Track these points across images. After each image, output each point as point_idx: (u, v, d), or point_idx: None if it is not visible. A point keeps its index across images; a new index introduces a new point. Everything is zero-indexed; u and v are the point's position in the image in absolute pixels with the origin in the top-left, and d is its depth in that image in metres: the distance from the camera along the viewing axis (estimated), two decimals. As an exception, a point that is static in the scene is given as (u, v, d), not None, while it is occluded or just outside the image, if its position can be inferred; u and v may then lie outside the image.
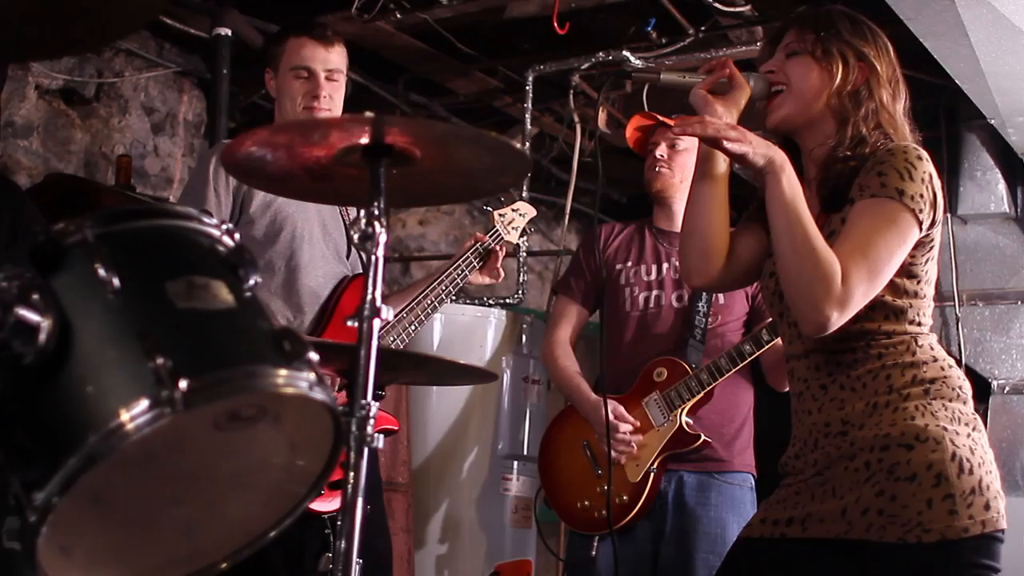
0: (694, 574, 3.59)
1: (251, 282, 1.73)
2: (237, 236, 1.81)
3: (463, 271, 3.48)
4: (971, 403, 2.33)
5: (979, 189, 5.38)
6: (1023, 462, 5.17)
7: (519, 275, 5.56)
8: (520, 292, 5.53)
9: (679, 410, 3.70)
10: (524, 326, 5.09)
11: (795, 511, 2.32)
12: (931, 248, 2.33)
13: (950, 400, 2.28)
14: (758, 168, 2.29)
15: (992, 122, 4.67)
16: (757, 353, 3.62)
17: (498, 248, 3.56)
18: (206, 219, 1.79)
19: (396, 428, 3.39)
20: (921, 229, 2.26)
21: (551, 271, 7.16)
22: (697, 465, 3.72)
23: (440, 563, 4.77)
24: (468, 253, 3.51)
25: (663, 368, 3.75)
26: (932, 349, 2.34)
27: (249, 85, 5.54)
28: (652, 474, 3.69)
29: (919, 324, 2.34)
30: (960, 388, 2.32)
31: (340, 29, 4.21)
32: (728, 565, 2.53)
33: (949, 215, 5.40)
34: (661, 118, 3.92)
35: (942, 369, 2.31)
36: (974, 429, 2.28)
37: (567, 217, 5.86)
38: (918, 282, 2.33)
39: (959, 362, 5.27)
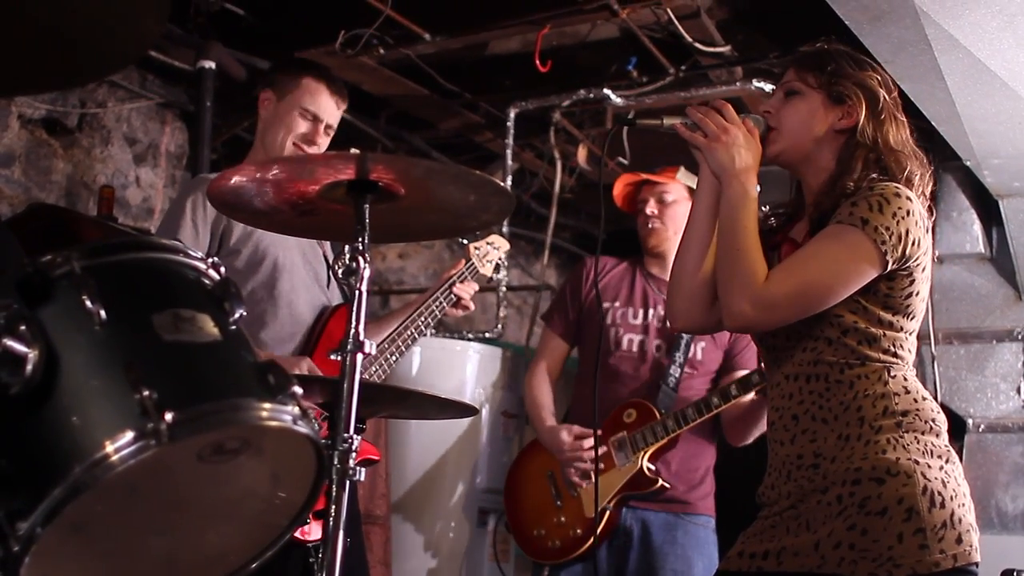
0: (660, 610, 3.63)
1: (236, 315, 1.75)
2: (223, 269, 1.83)
3: (441, 303, 3.50)
4: (944, 435, 2.35)
5: (955, 229, 5.42)
6: (998, 500, 5.19)
7: (499, 309, 5.58)
8: (499, 326, 5.55)
9: (642, 453, 3.74)
10: (504, 360, 5.10)
11: (771, 544, 2.33)
12: (912, 282, 2.34)
13: (922, 433, 2.29)
14: (715, 171, 2.42)
15: (968, 164, 4.71)
16: (723, 406, 3.67)
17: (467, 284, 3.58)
18: (192, 252, 1.81)
19: (378, 458, 3.40)
20: (885, 262, 2.27)
21: (530, 305, 7.18)
22: (663, 505, 3.77)
23: (417, 597, 4.76)
24: (446, 285, 3.53)
25: (633, 410, 3.80)
26: (905, 380, 2.35)
27: (231, 117, 5.56)
28: (608, 511, 3.72)
29: (895, 355, 2.35)
30: (933, 420, 2.33)
31: (323, 63, 4.24)
32: None
33: (926, 254, 5.44)
34: (645, 176, 3.98)
35: (915, 401, 2.33)
36: (947, 461, 2.30)
37: (547, 252, 5.89)
38: (894, 313, 2.34)
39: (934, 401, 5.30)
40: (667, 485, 3.73)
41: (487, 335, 5.55)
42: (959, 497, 2.26)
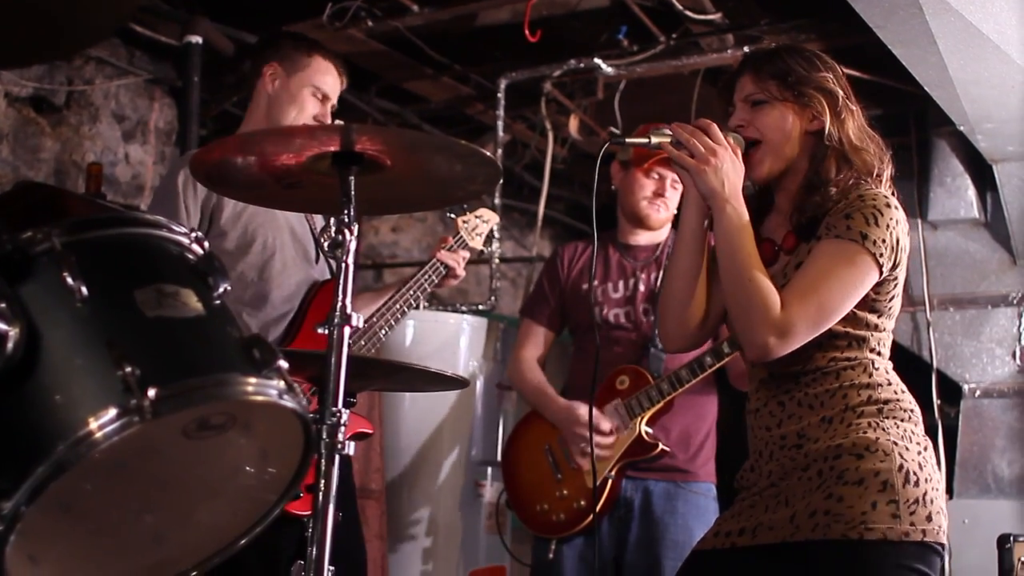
0: (660, 580, 3.62)
1: (221, 290, 1.73)
2: (206, 244, 1.81)
3: (431, 276, 3.48)
4: (922, 427, 2.40)
5: (949, 195, 5.41)
6: (994, 465, 5.20)
7: (491, 282, 5.56)
8: (493, 299, 5.53)
9: (639, 418, 3.72)
10: (497, 333, 5.09)
11: (747, 522, 2.37)
12: (896, 286, 2.40)
13: (902, 420, 2.35)
14: (704, 195, 2.38)
15: (961, 128, 4.68)
16: (717, 365, 3.65)
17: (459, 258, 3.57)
18: (175, 227, 1.79)
19: (371, 431, 3.38)
20: (881, 272, 2.32)
21: (524, 277, 7.17)
22: (663, 475, 3.75)
23: (414, 570, 4.76)
24: (435, 258, 3.52)
25: (625, 376, 3.77)
26: (887, 373, 2.41)
27: (220, 93, 5.52)
28: (610, 480, 3.71)
29: (879, 353, 2.41)
30: (912, 411, 2.39)
31: (312, 36, 4.21)
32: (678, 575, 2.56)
33: (920, 220, 5.43)
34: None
35: (895, 393, 2.39)
36: (925, 449, 2.35)
37: (539, 224, 5.87)
38: (879, 316, 2.40)
39: (930, 366, 5.30)
40: (667, 449, 3.72)
41: (480, 307, 5.54)
42: (933, 482, 2.31)
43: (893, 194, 2.44)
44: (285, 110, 3.32)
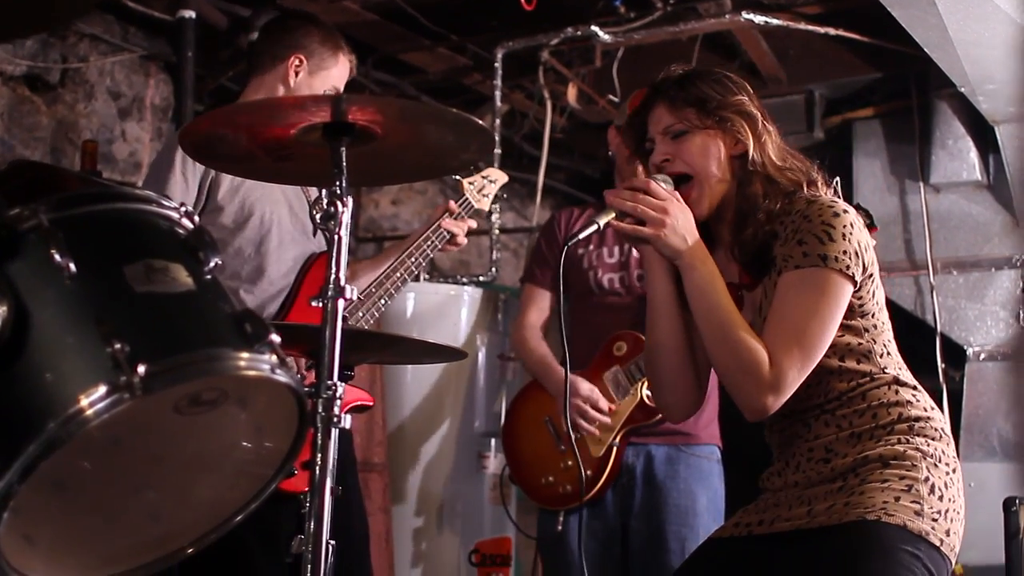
0: (665, 547, 3.59)
1: (211, 264, 1.71)
2: (196, 218, 1.79)
3: (433, 242, 3.44)
4: (953, 448, 2.33)
5: (951, 157, 5.38)
6: (999, 427, 5.19)
7: (492, 252, 5.54)
8: (493, 269, 5.51)
9: (639, 383, 3.68)
10: (498, 304, 5.07)
11: (765, 515, 2.33)
12: (873, 280, 2.32)
13: (933, 439, 2.28)
14: (669, 258, 2.30)
15: (962, 90, 4.66)
16: None
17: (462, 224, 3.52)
18: (164, 202, 1.77)
19: (371, 403, 3.35)
20: (855, 282, 2.25)
21: (525, 248, 7.15)
22: (664, 438, 3.71)
23: (419, 542, 4.77)
24: (438, 222, 3.47)
25: (623, 342, 3.73)
26: (915, 391, 2.34)
27: (215, 67, 5.48)
28: (615, 448, 3.68)
29: (888, 353, 2.35)
30: (943, 430, 2.32)
31: (307, 9, 4.18)
32: (691, 559, 2.54)
33: (922, 184, 5.42)
34: None
35: (925, 410, 2.31)
36: (953, 471, 2.28)
37: (539, 194, 5.85)
38: (870, 315, 2.33)
39: (934, 330, 5.29)
40: None
41: (481, 279, 5.52)
42: (957, 504, 2.25)
43: (836, 194, 2.39)
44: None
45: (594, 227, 2.32)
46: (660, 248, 2.28)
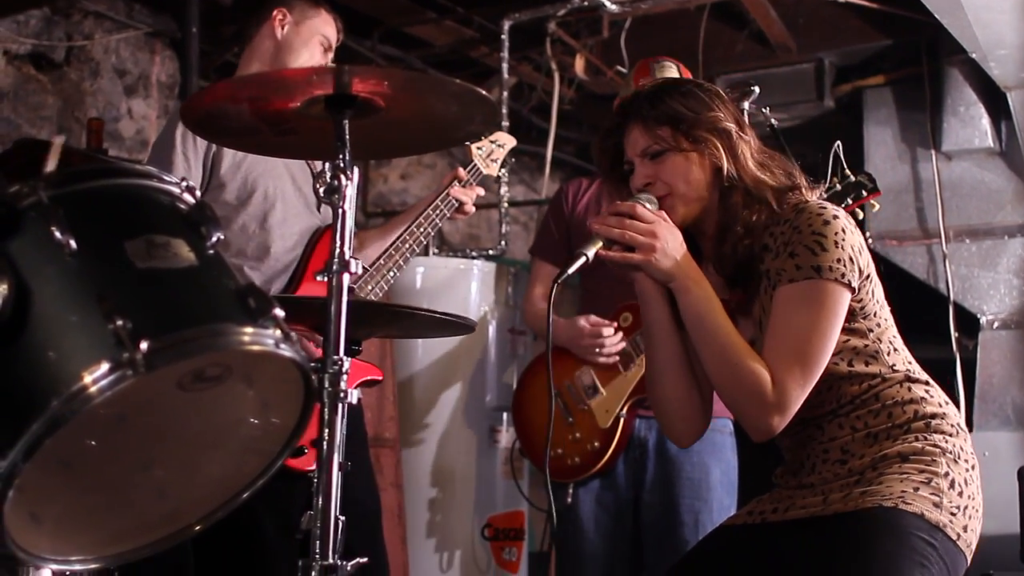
0: (679, 520, 3.58)
1: (214, 239, 1.70)
2: (198, 193, 1.78)
3: (442, 210, 3.41)
4: (970, 444, 2.30)
5: (963, 124, 5.33)
6: (1013, 396, 5.16)
7: (501, 226, 5.51)
8: (503, 243, 5.48)
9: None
10: (509, 277, 5.05)
11: (780, 504, 2.31)
12: (870, 278, 2.29)
13: (951, 435, 2.25)
14: (662, 281, 2.27)
15: (973, 56, 4.61)
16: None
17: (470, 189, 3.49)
18: (165, 177, 1.76)
19: (380, 378, 3.33)
20: (852, 289, 2.22)
21: (535, 221, 7.12)
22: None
23: (432, 517, 4.77)
24: (447, 191, 3.44)
25: (629, 313, 3.71)
26: (927, 385, 2.31)
27: (221, 43, 5.46)
28: (622, 419, 3.67)
29: (896, 350, 2.32)
30: (958, 425, 2.29)
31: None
32: (702, 544, 2.53)
33: (934, 151, 5.37)
34: None
35: (940, 405, 2.29)
36: (972, 468, 2.26)
37: (548, 166, 5.82)
38: (875, 315, 2.30)
39: (947, 299, 5.26)
40: None
41: (491, 252, 5.49)
42: (975, 503, 2.23)
43: (823, 197, 2.36)
44: (297, 52, 3.32)
45: (582, 260, 2.27)
46: (652, 273, 2.26)
